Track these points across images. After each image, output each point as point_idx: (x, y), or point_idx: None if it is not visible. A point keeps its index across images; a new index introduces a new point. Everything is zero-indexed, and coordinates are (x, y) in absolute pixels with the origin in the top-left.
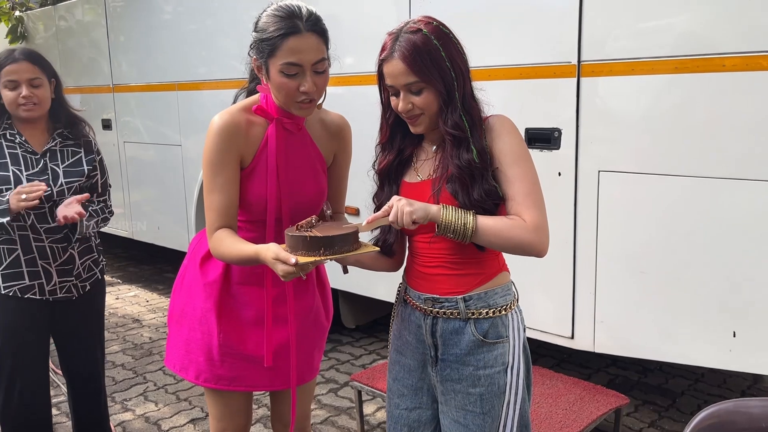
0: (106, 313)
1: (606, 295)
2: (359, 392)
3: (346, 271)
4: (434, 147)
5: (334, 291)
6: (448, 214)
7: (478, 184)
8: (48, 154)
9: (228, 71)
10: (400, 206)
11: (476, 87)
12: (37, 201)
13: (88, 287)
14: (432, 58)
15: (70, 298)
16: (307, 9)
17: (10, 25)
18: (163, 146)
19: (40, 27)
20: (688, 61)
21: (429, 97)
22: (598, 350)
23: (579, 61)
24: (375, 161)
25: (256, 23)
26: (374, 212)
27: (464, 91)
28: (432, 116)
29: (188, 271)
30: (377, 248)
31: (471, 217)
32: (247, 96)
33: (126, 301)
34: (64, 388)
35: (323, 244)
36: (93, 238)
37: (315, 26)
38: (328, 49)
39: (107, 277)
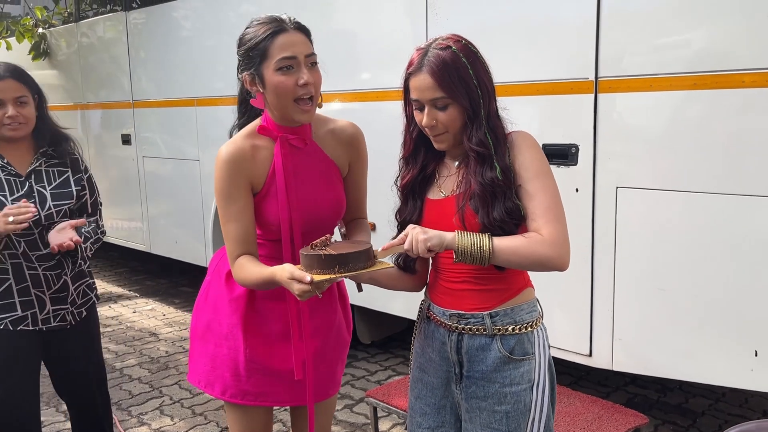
0: (122, 327)
1: (624, 313)
2: (375, 409)
3: (360, 289)
4: (456, 163)
5: (351, 306)
6: (464, 239)
7: (500, 202)
8: (33, 176)
9: None
10: (414, 234)
11: (501, 106)
12: (26, 224)
13: (84, 313)
14: (460, 76)
15: (64, 327)
16: (287, 15)
17: (33, 42)
18: (182, 161)
19: (62, 44)
20: (706, 77)
21: (453, 113)
22: (616, 368)
23: (596, 77)
24: (398, 176)
25: (240, 40)
26: (396, 229)
27: (489, 110)
28: (455, 133)
29: (212, 287)
30: (392, 266)
31: (487, 239)
32: (240, 127)
33: (143, 314)
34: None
35: (338, 261)
36: (84, 261)
37: (299, 26)
38: (313, 48)
39: (125, 291)
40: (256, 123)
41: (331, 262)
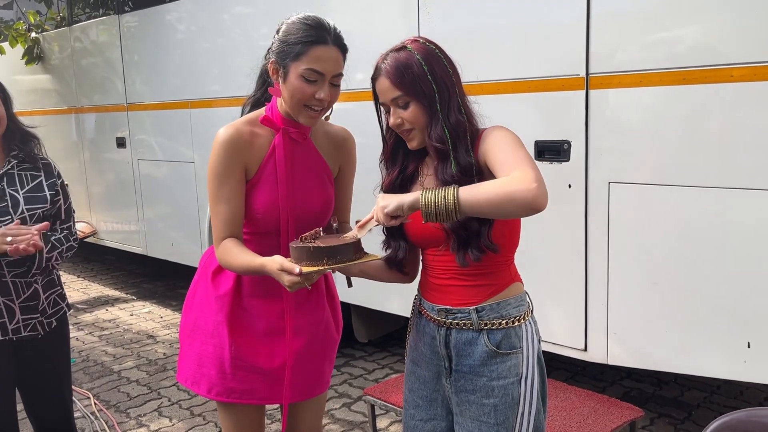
0: (120, 329)
1: (619, 307)
2: (372, 406)
3: (350, 284)
4: (435, 162)
5: (347, 305)
6: (428, 195)
7: None
8: (5, 179)
9: (240, 89)
10: (376, 204)
11: (470, 101)
12: (28, 250)
13: (55, 323)
14: (413, 73)
15: (35, 337)
16: (333, 24)
17: (26, 47)
18: (177, 163)
19: (55, 48)
20: (696, 72)
21: (415, 110)
22: (611, 362)
23: (587, 74)
24: (381, 181)
25: (279, 29)
26: (383, 233)
27: (449, 106)
28: (423, 130)
29: (200, 285)
30: (380, 257)
31: (451, 189)
32: (252, 108)
33: (140, 317)
34: None
35: (326, 253)
36: (56, 269)
37: (339, 41)
38: (344, 65)
39: (122, 294)
40: (259, 112)
41: (320, 254)
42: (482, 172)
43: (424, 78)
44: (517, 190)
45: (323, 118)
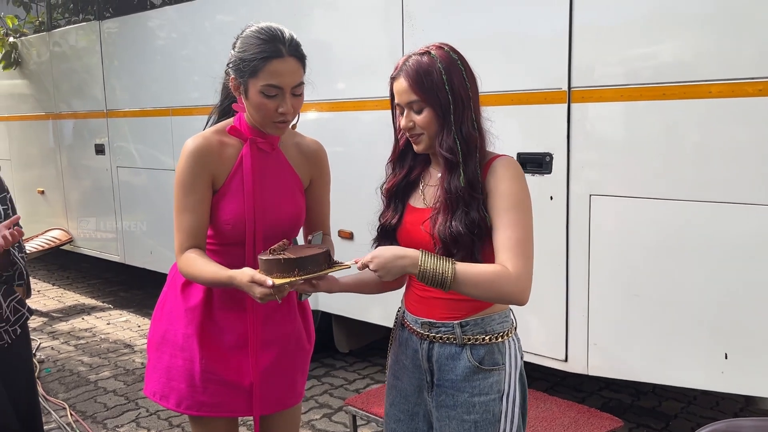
0: (96, 339)
1: (599, 318)
2: (354, 417)
3: (300, 297)
4: (439, 174)
5: (328, 315)
6: (426, 260)
7: (460, 215)
8: None
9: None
10: (377, 269)
11: (485, 117)
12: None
13: (19, 331)
14: (432, 81)
15: (2, 346)
16: (289, 33)
17: (3, 51)
18: (157, 171)
19: (33, 53)
20: (675, 87)
21: (429, 116)
22: (591, 373)
23: (569, 88)
24: (384, 181)
25: (235, 43)
26: (377, 231)
27: (462, 118)
28: (432, 136)
29: (169, 297)
30: (349, 265)
31: (450, 264)
32: (219, 116)
33: (117, 326)
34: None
35: (297, 265)
36: (9, 276)
37: (296, 51)
38: (304, 73)
39: (99, 302)
40: (227, 122)
41: (291, 266)
42: (485, 198)
43: (441, 87)
44: (511, 294)
45: (290, 126)
